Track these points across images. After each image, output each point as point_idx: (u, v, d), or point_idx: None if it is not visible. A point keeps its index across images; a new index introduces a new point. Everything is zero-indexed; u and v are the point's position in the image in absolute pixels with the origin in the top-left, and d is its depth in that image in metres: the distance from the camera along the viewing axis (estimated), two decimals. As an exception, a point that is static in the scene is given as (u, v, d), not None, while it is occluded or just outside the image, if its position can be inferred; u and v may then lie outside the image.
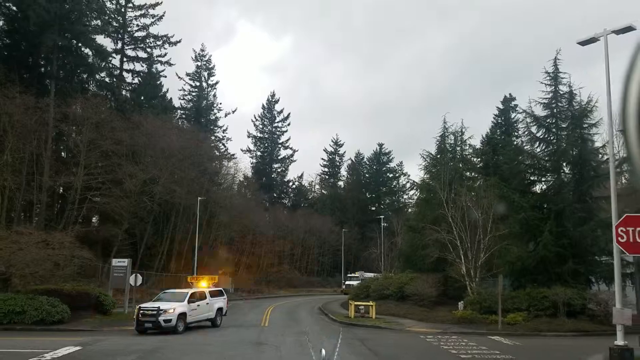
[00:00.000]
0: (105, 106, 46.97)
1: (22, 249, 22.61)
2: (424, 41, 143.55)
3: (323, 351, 4.91)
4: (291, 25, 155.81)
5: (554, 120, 27.47)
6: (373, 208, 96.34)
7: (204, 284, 28.07)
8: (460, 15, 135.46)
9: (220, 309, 24.89)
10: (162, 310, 20.81)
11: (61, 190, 44.95)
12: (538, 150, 27.52)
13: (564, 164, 27.17)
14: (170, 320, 20.78)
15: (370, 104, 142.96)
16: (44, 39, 44.53)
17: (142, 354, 14.97)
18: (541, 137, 27.62)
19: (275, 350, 16.61)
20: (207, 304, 23.76)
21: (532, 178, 27.57)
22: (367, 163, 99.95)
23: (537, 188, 27.09)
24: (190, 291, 23.44)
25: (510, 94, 69.21)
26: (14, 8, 45.74)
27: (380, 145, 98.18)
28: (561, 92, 27.53)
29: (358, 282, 60.61)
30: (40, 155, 40.45)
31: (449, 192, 31.90)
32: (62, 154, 49.05)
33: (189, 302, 22.13)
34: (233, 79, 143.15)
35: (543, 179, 27.61)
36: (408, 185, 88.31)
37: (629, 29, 13.76)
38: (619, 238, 9.91)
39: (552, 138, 27.52)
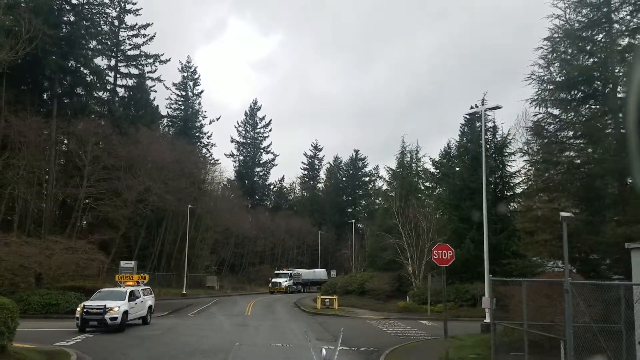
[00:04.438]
0: (102, 124, 52.22)
1: (54, 254, 28.53)
2: (413, 42, 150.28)
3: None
4: (280, 22, 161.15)
5: (479, 150, 34.23)
6: (349, 210, 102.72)
7: (140, 282, 27.00)
8: (450, 17, 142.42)
9: (150, 307, 24.98)
10: (107, 308, 20.84)
11: (67, 200, 50.25)
12: (467, 175, 34.16)
13: (487, 186, 33.80)
14: (116, 319, 20.82)
15: (358, 103, 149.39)
16: (48, 61, 49.68)
17: (164, 330, 21.30)
18: (469, 163, 34.43)
19: (255, 329, 23.05)
20: (142, 302, 23.88)
21: (462, 197, 34.19)
22: (344, 168, 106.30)
23: (467, 204, 33.54)
24: (129, 289, 23.37)
25: (476, 104, 76.50)
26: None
27: (357, 151, 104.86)
28: (487, 127, 34.32)
29: (286, 279, 61.31)
30: (49, 169, 45.93)
31: (400, 204, 38.44)
32: (62, 160, 54.11)
33: (129, 300, 22.25)
34: (221, 75, 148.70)
35: (471, 197, 34.08)
36: (383, 188, 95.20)
37: (497, 107, 20.46)
38: (434, 256, 16.61)
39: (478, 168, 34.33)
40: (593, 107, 16.05)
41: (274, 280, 61.60)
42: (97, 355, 14.87)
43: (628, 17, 15.49)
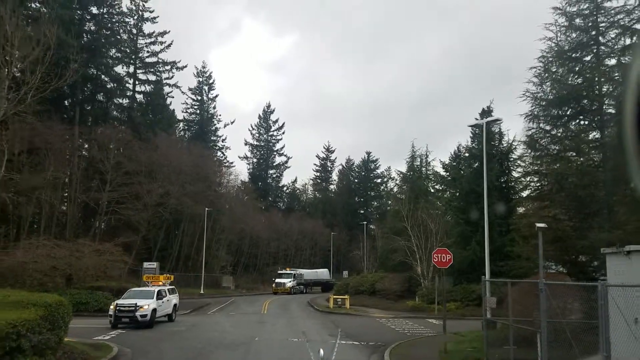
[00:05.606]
0: (123, 129, 54.37)
1: (84, 256, 30.55)
2: (425, 41, 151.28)
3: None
4: (293, 23, 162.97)
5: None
6: (361, 211, 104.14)
7: (165, 282, 28.60)
8: (458, 16, 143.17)
9: (175, 305, 26.90)
10: (138, 306, 22.58)
11: (89, 204, 52.46)
12: (473, 180, 35.57)
13: (493, 190, 35.20)
14: (146, 316, 22.53)
15: (369, 102, 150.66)
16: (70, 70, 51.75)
17: (188, 327, 23.13)
18: (476, 168, 35.85)
19: (272, 325, 24.81)
20: (168, 300, 25.75)
21: (468, 200, 35.64)
22: (356, 169, 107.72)
23: (473, 208, 34.91)
24: (157, 289, 25.11)
25: (488, 106, 77.15)
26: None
27: (368, 153, 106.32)
28: (494, 132, 35.68)
29: (290, 280, 59.47)
30: (72, 174, 48.16)
31: (410, 207, 39.90)
32: (83, 164, 56.42)
33: (157, 298, 24.04)
34: (235, 76, 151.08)
35: (477, 201, 35.49)
36: (394, 191, 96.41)
37: (497, 120, 21.97)
38: (434, 259, 18.17)
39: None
40: (582, 122, 17.51)
41: (277, 280, 59.67)
42: (134, 347, 16.66)
43: (613, 40, 16.91)
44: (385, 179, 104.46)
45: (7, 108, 17.44)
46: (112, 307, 23.38)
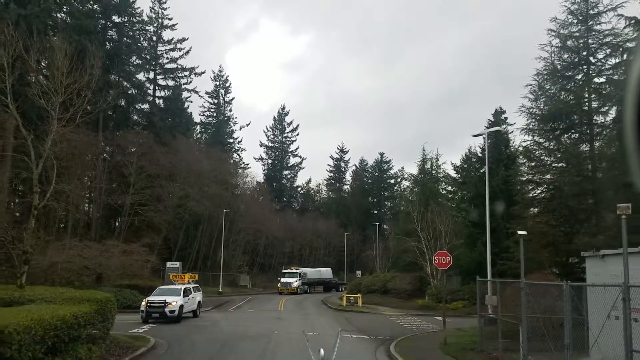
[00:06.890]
0: (146, 134, 56.69)
1: (113, 256, 32.77)
2: (441, 40, 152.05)
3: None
4: (310, 22, 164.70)
5: (492, 160, 37.17)
6: (375, 212, 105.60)
7: (190, 281, 30.74)
8: (476, 15, 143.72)
9: (199, 302, 28.89)
10: (167, 302, 24.68)
11: (113, 206, 54.84)
12: (480, 184, 37.15)
13: (499, 193, 36.71)
14: (174, 311, 24.56)
15: (384, 102, 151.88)
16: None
17: (211, 323, 25.11)
18: (482, 175, 37.42)
19: (289, 321, 26.72)
20: (193, 297, 27.69)
21: (475, 203, 37.21)
22: (370, 170, 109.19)
23: (480, 210, 36.46)
24: (184, 287, 27.13)
25: (500, 107, 78.71)
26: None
27: (382, 154, 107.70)
28: (501, 136, 37.26)
29: (296, 279, 57.93)
30: (97, 177, 50.50)
31: (420, 209, 41.46)
32: (105, 166, 58.82)
33: (183, 296, 25.97)
34: (250, 76, 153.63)
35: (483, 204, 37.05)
36: (405, 193, 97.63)
37: (498, 131, 23.57)
38: (435, 261, 19.88)
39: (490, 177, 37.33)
40: (572, 136, 19.04)
41: (283, 280, 57.92)
42: (167, 339, 18.62)
43: (602, 60, 18.42)
44: (399, 180, 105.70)
45: (58, 129, 19.52)
46: (143, 303, 25.58)
